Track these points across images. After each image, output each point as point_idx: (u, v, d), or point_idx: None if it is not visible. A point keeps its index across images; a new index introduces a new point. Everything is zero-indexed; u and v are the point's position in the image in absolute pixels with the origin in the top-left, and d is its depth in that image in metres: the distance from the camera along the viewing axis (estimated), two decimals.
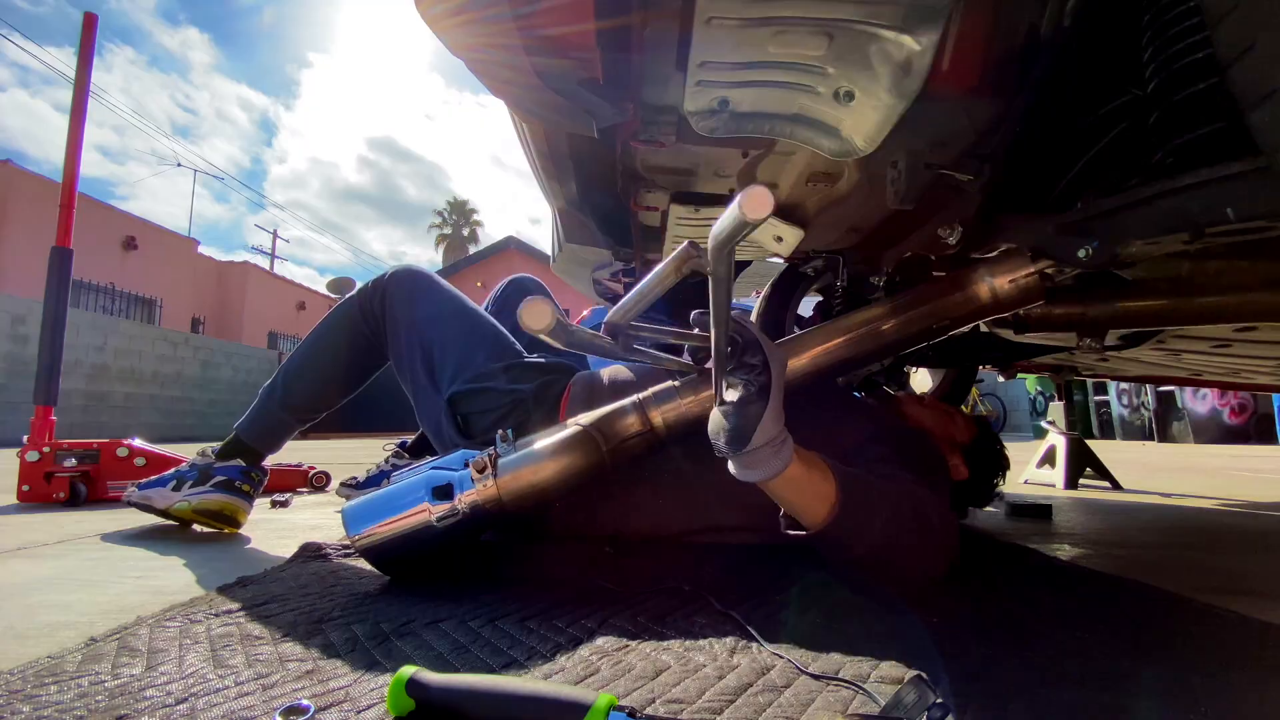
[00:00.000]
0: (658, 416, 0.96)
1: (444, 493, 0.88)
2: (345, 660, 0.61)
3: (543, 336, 0.72)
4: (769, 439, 0.64)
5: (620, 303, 0.80)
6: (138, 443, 1.84)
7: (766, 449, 0.65)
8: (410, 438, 1.95)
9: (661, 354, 0.92)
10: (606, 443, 0.94)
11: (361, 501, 0.91)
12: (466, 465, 0.91)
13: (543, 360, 1.27)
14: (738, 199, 0.49)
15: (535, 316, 0.70)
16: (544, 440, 0.92)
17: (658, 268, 0.74)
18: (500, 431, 0.94)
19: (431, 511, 0.88)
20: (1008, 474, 1.28)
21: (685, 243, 0.72)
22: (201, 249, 14.52)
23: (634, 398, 0.98)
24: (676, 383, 0.98)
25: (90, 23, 2.23)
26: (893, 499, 0.77)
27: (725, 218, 0.52)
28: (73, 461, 1.76)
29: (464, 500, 0.88)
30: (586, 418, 0.96)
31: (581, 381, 1.19)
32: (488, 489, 0.88)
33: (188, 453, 1.45)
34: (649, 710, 0.51)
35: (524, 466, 0.90)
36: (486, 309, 1.51)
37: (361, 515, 0.90)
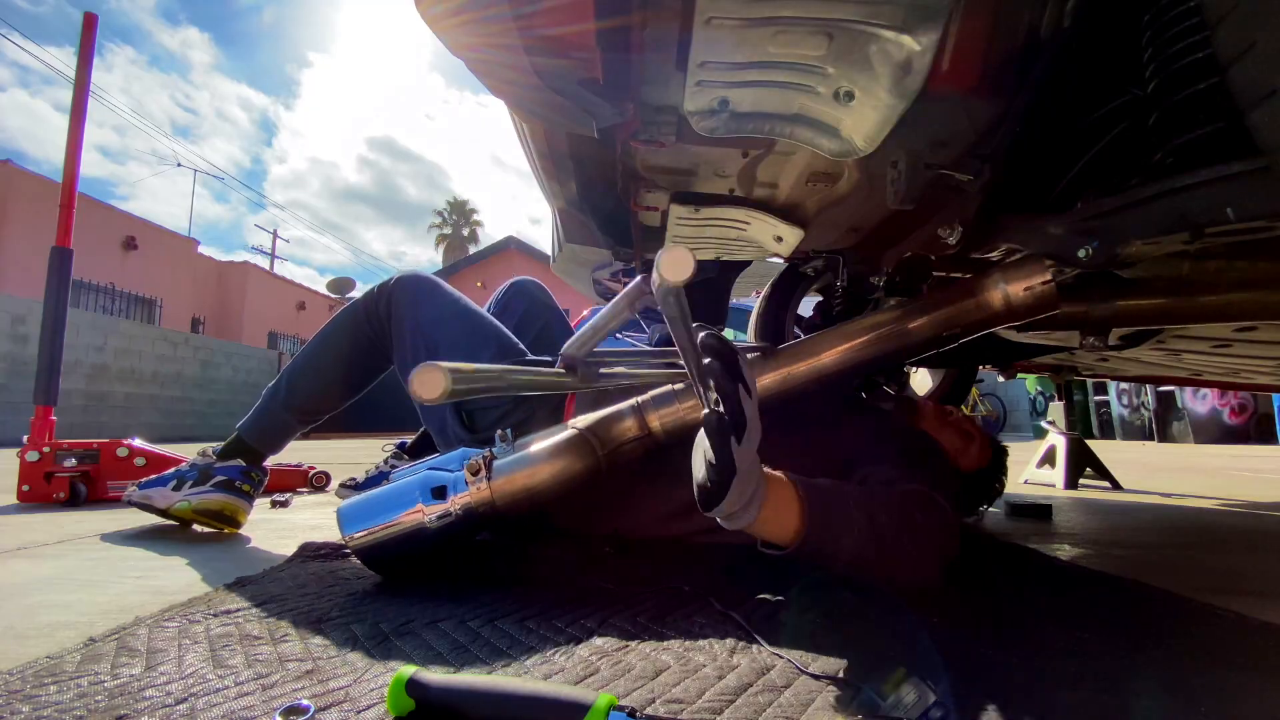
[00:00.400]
0: (655, 421, 0.96)
1: (438, 494, 0.89)
2: (345, 660, 0.61)
3: (443, 400, 0.68)
4: (734, 510, 0.64)
5: (575, 336, 0.79)
6: (138, 443, 1.84)
7: (734, 512, 0.65)
8: (410, 438, 1.95)
9: (636, 371, 0.92)
10: (603, 447, 0.94)
11: (357, 501, 0.91)
12: (464, 466, 0.91)
13: (546, 359, 1.28)
14: (659, 259, 0.48)
15: (427, 386, 0.65)
16: (540, 443, 0.92)
17: (612, 302, 0.74)
18: (500, 431, 0.94)
19: (425, 513, 0.88)
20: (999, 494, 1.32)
21: (638, 278, 0.71)
22: (201, 249, 14.53)
23: (632, 401, 0.98)
24: (677, 386, 0.97)
25: (90, 23, 2.23)
26: (873, 512, 0.76)
27: (654, 273, 0.52)
28: (73, 461, 1.76)
29: (457, 502, 0.88)
30: (583, 421, 0.96)
31: None
32: (481, 491, 0.88)
33: (188, 453, 1.45)
34: (649, 710, 0.51)
35: (518, 470, 0.90)
36: (488, 311, 1.52)
37: (356, 515, 0.90)
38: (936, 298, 0.99)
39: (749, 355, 1.03)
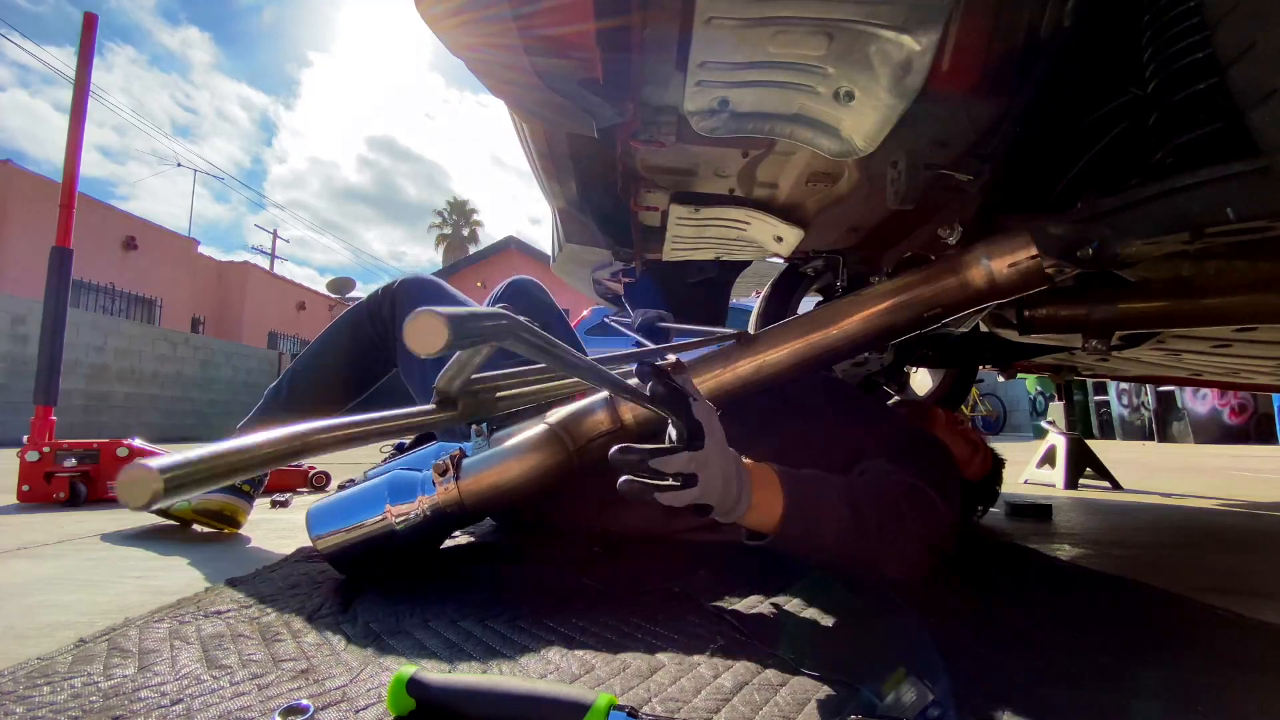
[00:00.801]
0: (628, 414, 0.94)
1: (406, 495, 0.88)
2: (340, 660, 0.61)
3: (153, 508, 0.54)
4: (725, 510, 0.66)
5: (444, 369, 0.77)
6: (138, 443, 1.84)
7: (725, 511, 0.67)
8: (409, 439, 1.95)
9: (534, 388, 0.91)
10: (574, 442, 0.92)
11: (326, 503, 0.91)
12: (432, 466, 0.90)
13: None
14: (405, 328, 0.46)
15: (131, 493, 0.42)
16: (510, 440, 0.91)
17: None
18: (475, 427, 0.94)
19: (393, 514, 0.87)
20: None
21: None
22: (201, 249, 14.51)
23: (604, 394, 0.96)
24: None
25: (90, 22, 2.23)
26: (858, 503, 0.76)
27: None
28: (73, 461, 1.76)
29: (425, 503, 0.87)
30: (554, 416, 0.94)
31: None
32: (449, 492, 0.88)
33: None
34: (646, 709, 0.51)
35: (485, 469, 0.89)
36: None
37: (324, 517, 0.89)
38: (918, 276, 0.95)
39: (728, 344, 1.02)
